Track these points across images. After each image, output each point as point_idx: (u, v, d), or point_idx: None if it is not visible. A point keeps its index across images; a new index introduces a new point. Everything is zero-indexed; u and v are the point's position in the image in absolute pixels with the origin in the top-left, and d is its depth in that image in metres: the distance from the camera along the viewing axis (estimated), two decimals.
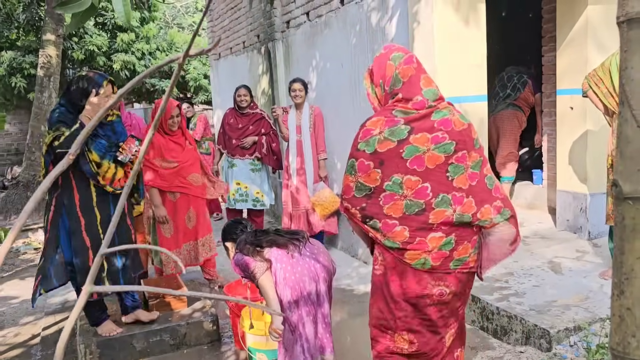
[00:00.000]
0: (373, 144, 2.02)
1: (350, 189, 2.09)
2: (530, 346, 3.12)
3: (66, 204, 3.12)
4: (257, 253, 2.55)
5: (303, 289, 2.52)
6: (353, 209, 2.10)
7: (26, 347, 3.72)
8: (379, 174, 2.03)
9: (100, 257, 0.85)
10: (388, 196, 2.03)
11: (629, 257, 0.90)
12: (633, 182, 0.88)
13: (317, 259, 2.64)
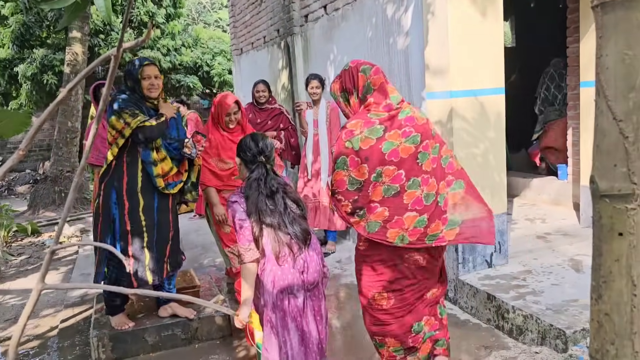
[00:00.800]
0: (357, 143, 2.34)
1: (344, 182, 2.37)
2: (546, 346, 3.02)
3: (116, 187, 3.16)
4: (258, 229, 2.34)
5: (288, 300, 2.38)
6: (345, 201, 2.38)
7: (44, 338, 3.80)
8: (366, 168, 2.34)
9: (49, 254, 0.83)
10: (373, 186, 2.36)
11: (606, 259, 0.84)
12: (609, 179, 0.81)
13: (308, 273, 2.40)
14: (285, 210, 2.39)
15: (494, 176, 3.79)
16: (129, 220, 3.17)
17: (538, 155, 7.12)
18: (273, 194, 2.39)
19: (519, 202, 5.99)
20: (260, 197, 2.36)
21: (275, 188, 2.41)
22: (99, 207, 3.19)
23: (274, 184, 2.42)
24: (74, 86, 0.81)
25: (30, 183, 11.94)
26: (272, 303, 2.37)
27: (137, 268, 3.18)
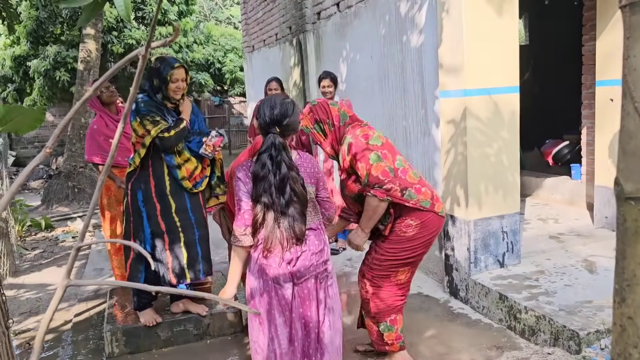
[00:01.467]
0: (377, 140, 2.71)
1: (387, 172, 2.63)
2: (559, 348, 3.00)
3: (143, 189, 3.18)
4: (261, 218, 2.26)
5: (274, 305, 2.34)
6: (395, 187, 2.63)
7: (58, 332, 3.84)
8: (391, 158, 2.69)
9: (75, 250, 0.84)
10: (402, 171, 2.70)
11: (630, 262, 0.83)
12: (635, 181, 0.81)
13: (295, 265, 2.31)
14: (288, 206, 2.24)
15: (507, 176, 3.77)
16: (163, 221, 3.19)
17: (551, 154, 7.07)
18: (283, 183, 2.24)
19: (532, 202, 5.95)
20: (268, 186, 2.23)
21: (284, 175, 2.23)
22: (128, 207, 3.23)
23: (284, 168, 2.23)
24: (100, 84, 0.82)
25: (44, 178, 12.05)
26: (258, 292, 2.32)
27: (175, 266, 3.21)
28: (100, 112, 4.17)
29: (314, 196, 2.42)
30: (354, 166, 2.68)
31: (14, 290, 4.81)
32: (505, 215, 3.82)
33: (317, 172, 2.43)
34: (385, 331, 2.84)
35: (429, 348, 3.20)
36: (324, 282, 2.39)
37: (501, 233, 3.82)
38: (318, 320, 2.36)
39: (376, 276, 2.79)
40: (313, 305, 2.35)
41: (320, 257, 2.36)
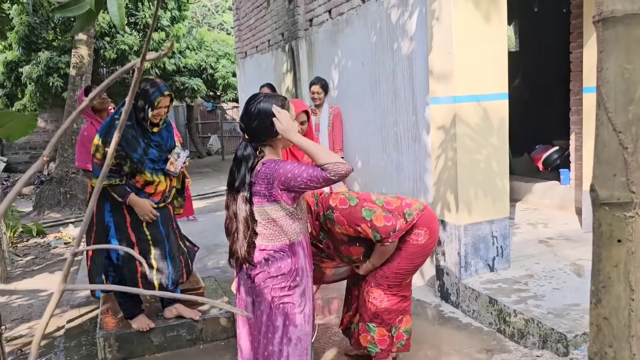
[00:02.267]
0: (352, 198, 2.72)
1: (386, 216, 2.63)
2: (547, 350, 3.05)
3: (111, 200, 3.19)
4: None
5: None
6: (401, 221, 2.66)
7: (51, 338, 3.83)
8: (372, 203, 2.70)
9: (72, 255, 0.87)
10: (386, 203, 2.73)
11: (605, 265, 0.88)
12: (609, 188, 0.85)
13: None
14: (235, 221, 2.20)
15: (496, 182, 3.83)
16: (133, 232, 3.23)
17: (541, 159, 7.15)
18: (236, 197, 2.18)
19: (522, 207, 6.02)
20: (232, 199, 2.21)
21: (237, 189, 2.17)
22: (93, 215, 3.22)
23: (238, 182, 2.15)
24: (97, 94, 0.85)
25: (36, 184, 12.00)
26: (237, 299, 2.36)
27: (144, 275, 3.25)
28: (92, 119, 4.12)
29: (278, 214, 2.16)
30: (350, 233, 2.65)
31: (5, 296, 4.80)
32: (495, 220, 3.87)
33: (277, 183, 2.10)
34: (394, 333, 2.90)
35: (420, 352, 3.23)
36: (287, 309, 2.21)
37: (491, 238, 3.87)
38: (270, 349, 2.23)
39: (392, 285, 2.83)
40: (263, 330, 2.23)
41: (282, 281, 2.19)
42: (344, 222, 2.62)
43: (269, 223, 2.18)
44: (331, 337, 3.52)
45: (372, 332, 2.91)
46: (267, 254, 2.20)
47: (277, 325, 2.21)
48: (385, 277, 2.82)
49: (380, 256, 2.78)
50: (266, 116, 2.15)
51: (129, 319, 3.42)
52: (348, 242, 2.73)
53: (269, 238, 2.20)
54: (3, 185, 11.91)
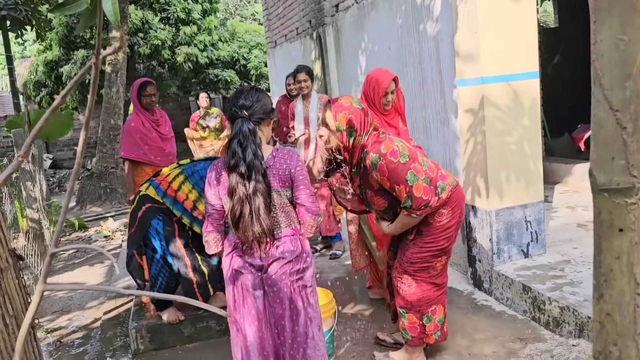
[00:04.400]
0: (404, 154, 2.60)
1: (427, 189, 2.57)
2: (584, 339, 2.92)
3: (162, 216, 3.26)
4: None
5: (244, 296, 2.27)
6: (436, 199, 2.61)
7: (88, 329, 3.96)
8: (419, 166, 2.62)
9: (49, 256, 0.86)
10: (429, 170, 2.66)
11: (606, 257, 0.80)
12: (607, 172, 0.78)
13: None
14: (255, 197, 2.14)
15: (529, 165, 3.68)
16: (183, 246, 3.27)
17: (582, 139, 6.86)
18: (249, 172, 2.13)
19: (561, 189, 5.80)
20: (241, 177, 2.14)
21: (249, 163, 2.12)
22: (138, 217, 3.27)
23: (250, 155, 2.12)
24: (67, 92, 0.83)
25: (80, 180, 12.40)
26: (232, 300, 2.29)
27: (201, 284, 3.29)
28: (139, 111, 4.31)
29: (287, 200, 2.24)
30: (386, 186, 2.59)
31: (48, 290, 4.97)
32: (528, 204, 3.72)
33: (293, 172, 2.23)
34: (427, 322, 2.82)
35: (452, 340, 3.16)
36: (303, 292, 2.26)
37: (525, 223, 3.73)
38: (297, 330, 2.25)
39: (419, 270, 2.76)
40: (288, 315, 2.23)
41: (295, 265, 2.23)
42: (385, 173, 2.55)
43: (281, 209, 2.22)
44: (357, 322, 3.48)
45: (402, 318, 2.86)
46: (280, 240, 2.22)
47: (300, 309, 2.25)
48: (411, 263, 2.76)
49: (402, 226, 2.71)
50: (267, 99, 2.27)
51: (160, 310, 3.48)
52: (377, 190, 2.67)
53: (282, 224, 2.23)
54: (50, 182, 12.36)
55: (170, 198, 3.23)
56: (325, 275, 4.45)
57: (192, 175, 3.28)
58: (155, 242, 3.27)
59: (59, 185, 12.72)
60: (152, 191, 3.29)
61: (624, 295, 0.78)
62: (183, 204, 3.21)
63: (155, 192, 3.27)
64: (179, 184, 3.24)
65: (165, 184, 3.27)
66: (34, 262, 5.13)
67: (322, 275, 4.46)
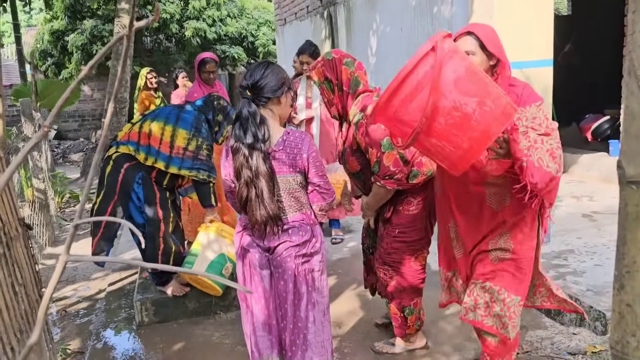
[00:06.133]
0: None
1: (399, 161, 2.49)
2: (585, 328, 2.95)
3: (143, 175, 3.27)
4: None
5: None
6: (403, 175, 2.53)
7: (93, 300, 4.00)
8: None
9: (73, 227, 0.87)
10: (408, 152, 2.53)
11: (630, 248, 0.81)
12: (637, 165, 0.77)
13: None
14: (257, 180, 2.12)
15: None
16: (161, 209, 3.31)
17: (590, 129, 6.83)
18: (251, 154, 2.10)
19: (566, 179, 5.79)
20: (244, 159, 2.12)
21: (250, 145, 2.10)
22: (119, 182, 3.26)
23: (250, 138, 2.09)
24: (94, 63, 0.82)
25: (84, 151, 12.42)
26: (241, 277, 2.30)
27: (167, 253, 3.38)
28: (200, 83, 4.49)
29: (298, 186, 2.19)
30: (362, 148, 2.57)
31: (53, 259, 5.02)
32: None
33: (306, 158, 2.16)
34: (409, 315, 2.80)
35: (450, 324, 3.19)
36: (309, 276, 2.23)
37: None
38: (298, 315, 2.24)
39: (396, 260, 2.73)
40: (290, 298, 2.23)
41: (301, 249, 2.20)
42: (363, 132, 2.52)
43: (291, 194, 2.18)
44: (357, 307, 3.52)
45: (387, 306, 2.89)
46: (288, 225, 2.20)
47: (302, 292, 2.23)
48: (387, 253, 2.74)
49: (374, 198, 2.68)
50: (276, 76, 2.17)
51: (161, 286, 3.51)
52: (354, 151, 2.64)
53: (292, 209, 2.20)
54: (54, 152, 12.38)
55: (145, 146, 3.22)
56: (327, 255, 4.47)
57: (158, 115, 3.31)
58: (134, 211, 3.31)
59: (63, 156, 12.75)
60: (125, 148, 3.27)
61: None
62: (159, 148, 3.21)
63: (128, 146, 3.26)
64: (149, 127, 3.24)
65: (135, 134, 3.26)
66: (39, 232, 5.17)
67: None
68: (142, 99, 6.76)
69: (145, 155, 3.23)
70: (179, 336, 3.30)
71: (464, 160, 1.86)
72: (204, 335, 3.29)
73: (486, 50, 2.14)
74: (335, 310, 3.42)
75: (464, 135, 1.79)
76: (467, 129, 1.78)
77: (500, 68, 2.17)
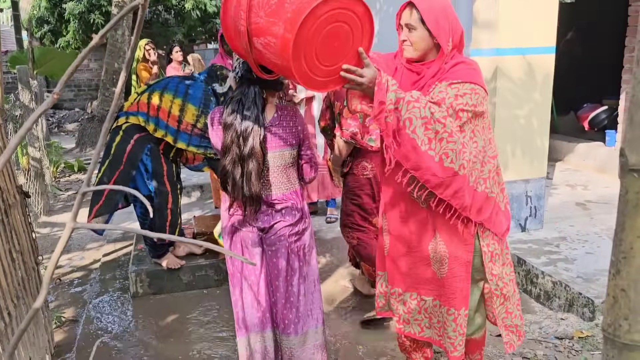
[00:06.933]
0: None
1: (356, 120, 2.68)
2: (573, 314, 3.01)
3: (151, 147, 3.27)
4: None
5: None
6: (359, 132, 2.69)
7: (88, 270, 4.03)
8: None
9: (80, 195, 0.88)
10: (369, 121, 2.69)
11: (628, 234, 0.83)
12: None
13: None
14: (249, 160, 2.10)
15: (535, 140, 3.69)
16: (169, 182, 3.34)
17: (587, 118, 6.84)
18: (246, 133, 2.08)
19: (562, 167, 5.82)
20: (236, 136, 2.10)
21: (247, 126, 2.07)
22: (127, 152, 3.24)
23: (251, 119, 2.07)
24: (104, 33, 0.82)
25: (79, 121, 12.33)
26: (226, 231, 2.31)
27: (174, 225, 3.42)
28: (223, 54, 4.47)
29: (291, 161, 2.22)
30: (331, 101, 2.76)
31: (47, 228, 5.03)
32: (530, 179, 3.76)
33: (300, 130, 2.21)
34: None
35: None
36: (300, 252, 2.27)
37: (525, 197, 3.77)
38: (290, 290, 2.27)
39: (353, 222, 2.87)
40: (283, 275, 2.26)
41: (294, 227, 2.23)
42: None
43: (283, 171, 2.20)
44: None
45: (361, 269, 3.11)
46: (281, 203, 2.21)
47: (295, 268, 2.28)
48: (347, 215, 2.92)
49: (335, 149, 2.88)
50: None
51: (157, 258, 3.53)
52: (327, 105, 2.85)
53: (284, 186, 2.22)
54: (49, 122, 12.28)
55: (154, 117, 3.21)
56: (322, 234, 4.50)
57: (167, 86, 3.27)
58: (140, 182, 3.32)
59: (58, 125, 12.66)
60: (135, 118, 3.25)
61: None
62: (167, 121, 3.20)
63: (138, 117, 3.24)
64: (159, 98, 3.21)
65: (144, 105, 3.23)
66: (35, 200, 5.16)
67: (318, 233, 4.52)
68: (139, 69, 6.69)
69: (155, 127, 3.22)
70: (172, 308, 3.34)
71: (284, 51, 1.66)
72: (198, 309, 3.33)
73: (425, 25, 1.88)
74: (328, 287, 3.47)
75: (280, 19, 1.67)
76: (282, 13, 1.66)
77: (440, 52, 1.90)
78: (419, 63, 1.97)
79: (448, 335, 2.07)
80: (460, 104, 1.81)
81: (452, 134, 1.80)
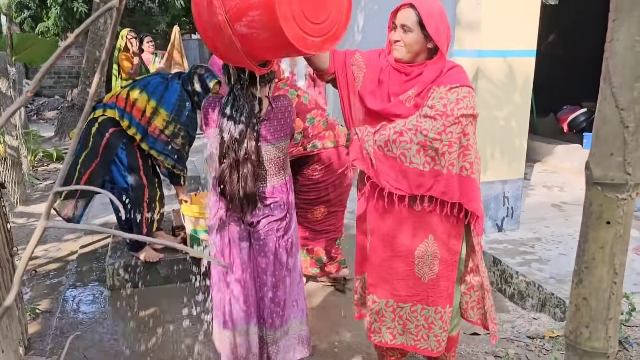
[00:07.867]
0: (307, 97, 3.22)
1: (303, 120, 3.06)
2: (545, 314, 3.07)
3: (125, 142, 3.27)
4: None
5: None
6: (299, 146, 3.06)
7: (64, 262, 3.98)
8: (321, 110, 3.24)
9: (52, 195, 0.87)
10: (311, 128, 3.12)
11: (591, 246, 0.85)
12: (604, 167, 0.81)
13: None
14: (245, 163, 2.12)
15: (514, 141, 3.74)
16: (145, 176, 3.36)
17: (567, 120, 6.95)
18: (241, 137, 2.09)
19: (540, 168, 5.91)
20: (231, 140, 2.11)
21: (241, 130, 2.08)
22: (102, 146, 3.25)
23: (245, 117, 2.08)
24: (80, 32, 0.82)
25: (59, 109, 12.14)
26: (217, 248, 2.30)
27: (150, 219, 3.46)
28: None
29: (282, 153, 2.24)
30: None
31: (24, 218, 4.96)
32: (508, 180, 3.81)
33: (290, 122, 2.23)
34: (304, 257, 3.23)
35: None
36: (288, 245, 2.30)
37: (502, 198, 3.83)
38: (277, 284, 2.29)
39: (300, 215, 3.10)
40: (271, 269, 2.27)
41: (282, 222, 2.26)
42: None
43: (275, 163, 2.21)
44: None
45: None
46: (270, 198, 2.22)
47: (283, 262, 2.30)
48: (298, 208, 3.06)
49: None
50: None
51: (135, 251, 3.51)
52: None
53: (274, 178, 2.23)
54: (27, 109, 12.07)
55: (129, 114, 3.23)
56: None
57: (147, 85, 3.29)
58: (117, 174, 3.32)
59: (37, 112, 12.45)
60: (112, 112, 3.27)
61: (602, 283, 0.84)
62: (140, 120, 3.23)
63: (115, 110, 3.26)
64: (135, 96, 3.24)
65: (122, 100, 3.26)
66: (11, 190, 5.08)
67: None
68: (121, 59, 6.61)
69: (129, 124, 3.24)
70: (149, 302, 3.32)
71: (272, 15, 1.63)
72: (175, 302, 3.31)
73: (425, 29, 1.88)
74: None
75: None
76: None
77: (439, 56, 1.93)
78: (407, 64, 1.99)
79: (435, 333, 2.10)
80: (461, 108, 1.88)
81: (452, 144, 1.87)
